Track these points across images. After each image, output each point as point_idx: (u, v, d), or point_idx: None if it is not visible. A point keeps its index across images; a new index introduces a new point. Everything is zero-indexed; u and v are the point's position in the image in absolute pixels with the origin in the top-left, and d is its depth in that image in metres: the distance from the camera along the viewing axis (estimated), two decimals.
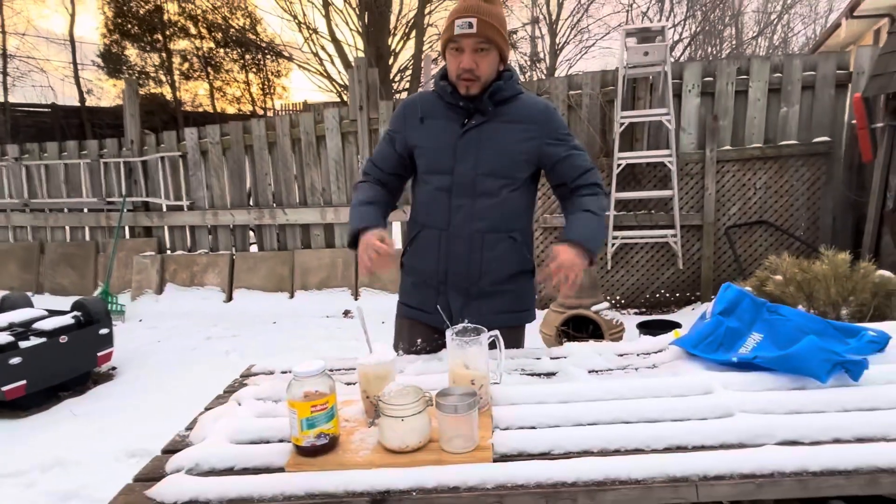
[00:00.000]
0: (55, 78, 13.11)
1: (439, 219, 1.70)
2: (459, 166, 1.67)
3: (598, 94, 4.88)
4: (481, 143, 1.66)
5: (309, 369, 1.15)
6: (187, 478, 1.11)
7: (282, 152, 5.79)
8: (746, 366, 1.37)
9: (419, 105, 1.76)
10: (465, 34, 1.58)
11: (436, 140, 1.70)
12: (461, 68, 1.62)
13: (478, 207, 1.67)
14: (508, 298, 1.74)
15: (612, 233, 4.76)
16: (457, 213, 1.68)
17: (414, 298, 1.81)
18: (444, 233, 1.70)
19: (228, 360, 4.24)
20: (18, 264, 6.72)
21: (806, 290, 2.59)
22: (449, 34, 1.63)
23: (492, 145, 1.66)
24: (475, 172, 1.66)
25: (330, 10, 11.74)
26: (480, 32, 1.58)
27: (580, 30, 14.68)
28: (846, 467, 1.02)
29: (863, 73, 4.43)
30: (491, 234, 1.68)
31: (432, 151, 1.72)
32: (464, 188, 1.67)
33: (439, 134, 1.70)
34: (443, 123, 1.70)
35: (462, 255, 1.69)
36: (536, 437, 1.16)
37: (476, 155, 1.66)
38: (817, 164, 4.61)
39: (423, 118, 1.73)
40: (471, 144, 1.67)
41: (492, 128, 1.67)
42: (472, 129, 1.67)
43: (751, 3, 16.08)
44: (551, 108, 1.73)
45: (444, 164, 1.69)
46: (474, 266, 1.69)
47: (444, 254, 1.70)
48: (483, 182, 1.67)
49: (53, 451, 2.91)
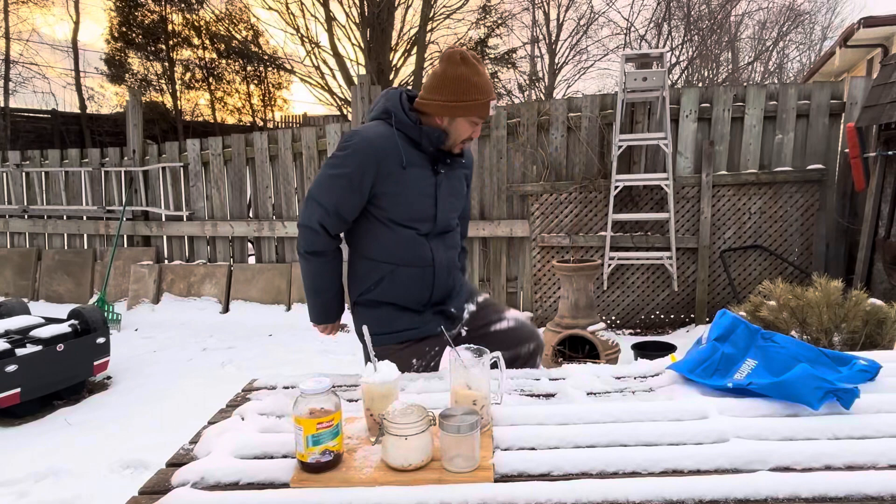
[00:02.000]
0: (57, 84, 13.17)
1: (420, 258, 1.77)
2: (439, 212, 1.78)
3: (597, 116, 4.96)
4: (450, 188, 1.82)
5: (315, 387, 1.17)
6: (193, 492, 1.13)
7: (283, 166, 5.83)
8: (741, 391, 1.40)
9: (393, 151, 1.69)
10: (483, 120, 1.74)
11: (416, 189, 1.72)
12: (472, 137, 1.77)
13: (447, 241, 1.86)
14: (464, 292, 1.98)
15: (608, 253, 4.82)
16: (437, 251, 1.80)
17: (401, 323, 1.83)
18: (427, 269, 1.79)
19: (224, 371, 4.24)
20: (15, 270, 6.71)
21: (799, 316, 2.63)
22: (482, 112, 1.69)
23: (453, 190, 1.84)
24: (448, 216, 1.84)
25: (333, 25, 11.88)
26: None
27: (579, 50, 14.91)
28: (837, 494, 1.05)
29: (856, 104, 4.53)
30: (455, 254, 1.92)
31: (413, 199, 1.73)
32: (440, 228, 1.83)
33: (418, 182, 1.73)
34: (418, 171, 1.73)
35: (444, 284, 1.85)
36: (536, 458, 1.18)
37: (447, 200, 1.81)
38: (811, 190, 4.69)
39: (406, 166, 1.70)
40: (444, 193, 1.79)
41: (454, 174, 1.85)
42: (442, 178, 1.79)
43: (747, 29, 16.35)
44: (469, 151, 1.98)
45: (425, 211, 1.75)
46: (449, 285, 1.89)
47: (427, 285, 1.81)
48: (451, 221, 1.88)
49: (47, 460, 2.91)
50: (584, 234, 4.99)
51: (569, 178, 5.09)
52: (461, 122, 1.71)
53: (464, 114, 1.69)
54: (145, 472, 2.76)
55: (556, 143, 5.08)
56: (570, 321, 3.74)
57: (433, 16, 12.46)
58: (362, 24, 11.77)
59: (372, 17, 11.51)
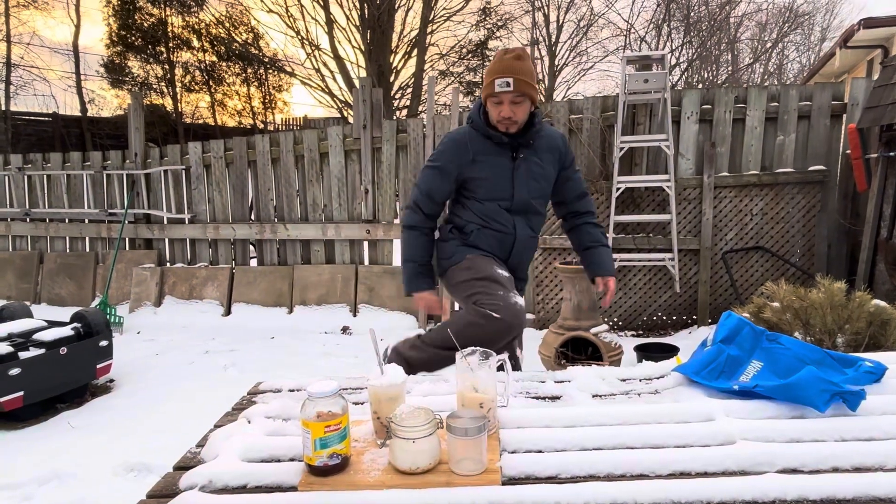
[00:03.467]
0: (58, 87, 13.20)
1: (502, 225, 2.13)
2: (518, 193, 2.09)
3: (599, 118, 4.97)
4: (530, 173, 2.08)
5: (323, 390, 1.18)
6: (201, 495, 1.13)
7: (285, 168, 5.84)
8: (747, 394, 1.41)
9: (468, 145, 2.06)
10: (503, 91, 1.91)
11: (493, 173, 2.06)
12: (502, 116, 1.97)
13: (530, 221, 2.15)
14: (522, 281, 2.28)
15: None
16: (518, 223, 2.13)
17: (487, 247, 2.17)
18: (507, 235, 2.14)
19: (227, 374, 4.24)
20: (16, 273, 6.71)
21: (802, 317, 2.63)
22: (490, 90, 1.94)
23: (537, 175, 2.09)
24: (529, 196, 2.10)
25: (333, 27, 11.91)
26: (516, 89, 1.91)
27: (579, 52, 14.95)
28: (845, 496, 1.05)
29: (857, 105, 4.53)
30: (533, 239, 2.20)
31: (492, 183, 2.07)
32: (521, 207, 2.12)
33: (495, 168, 2.06)
34: (494, 159, 2.05)
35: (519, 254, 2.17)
36: (543, 460, 1.19)
37: (527, 183, 2.08)
38: (813, 192, 4.69)
39: (475, 158, 2.05)
40: (522, 175, 2.07)
41: (534, 160, 2.08)
42: (520, 162, 2.06)
43: (746, 31, 16.37)
44: (564, 136, 2.20)
45: (504, 191, 2.08)
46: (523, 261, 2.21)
47: (508, 248, 2.15)
48: (534, 203, 2.13)
49: (50, 463, 2.90)
50: None
51: None
52: (488, 104, 1.99)
53: (484, 96, 1.99)
54: (149, 475, 2.76)
55: None
56: (572, 323, 3.74)
57: (433, 18, 12.49)
58: (362, 27, 11.80)
59: (372, 19, 11.54)
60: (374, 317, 5.36)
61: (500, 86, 1.90)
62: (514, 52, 1.96)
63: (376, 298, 5.47)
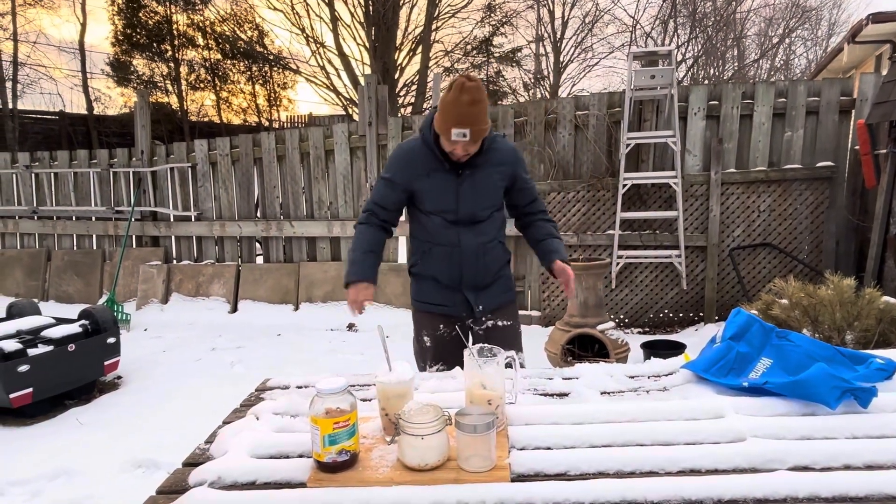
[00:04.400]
0: (64, 86, 13.25)
1: (449, 239, 2.13)
2: (462, 207, 2.09)
3: (605, 115, 4.95)
4: (475, 186, 2.08)
5: (332, 387, 1.17)
6: (211, 491, 1.14)
7: (290, 165, 5.84)
8: (757, 391, 1.40)
9: (418, 160, 2.09)
10: (459, 140, 1.91)
11: (439, 188, 2.09)
12: (457, 154, 1.98)
13: (478, 229, 2.14)
14: (502, 283, 2.25)
15: (616, 252, 4.80)
16: (463, 235, 2.12)
17: (436, 297, 2.21)
18: (455, 248, 2.13)
19: (233, 371, 4.25)
20: (24, 271, 6.75)
21: (811, 314, 2.61)
22: (447, 136, 1.93)
23: (482, 187, 2.09)
24: (474, 208, 2.10)
25: (338, 24, 11.90)
26: (472, 139, 1.91)
27: (584, 48, 14.86)
28: (857, 494, 1.04)
29: (866, 100, 4.50)
30: (489, 244, 2.16)
31: (437, 197, 2.10)
32: (467, 218, 2.11)
33: (441, 183, 2.08)
34: (442, 175, 2.07)
35: (471, 263, 2.15)
36: (552, 457, 1.18)
37: (473, 196, 2.09)
38: (821, 188, 4.66)
39: (422, 171, 2.08)
40: (467, 189, 2.07)
41: (480, 174, 2.08)
42: (466, 177, 2.06)
43: (753, 26, 16.26)
44: (516, 150, 2.19)
45: (448, 205, 2.09)
46: (481, 268, 2.17)
47: (457, 262, 2.14)
48: (480, 213, 2.12)
49: (59, 459, 2.93)
50: (593, 233, 4.98)
51: (576, 176, 5.08)
52: (441, 137, 1.99)
53: (440, 133, 1.97)
54: (157, 471, 2.77)
55: (563, 142, 5.07)
56: (579, 320, 3.74)
57: (438, 15, 12.46)
58: (367, 24, 11.79)
59: (377, 16, 11.52)
60: (380, 314, 5.36)
61: (456, 136, 1.89)
62: (469, 93, 1.86)
63: (382, 295, 5.48)
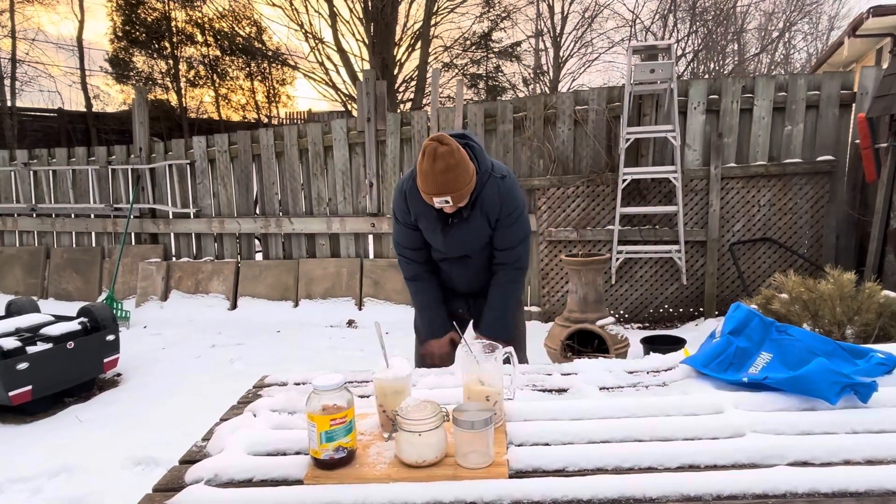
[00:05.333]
0: (63, 83, 13.22)
1: (442, 266, 2.26)
2: (450, 251, 2.16)
3: (604, 109, 4.93)
4: (462, 235, 2.09)
5: (328, 383, 1.17)
6: (207, 489, 1.13)
7: (289, 162, 5.83)
8: (756, 386, 1.39)
9: (408, 200, 2.11)
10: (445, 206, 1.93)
11: (429, 232, 2.14)
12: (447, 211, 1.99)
13: (469, 263, 2.21)
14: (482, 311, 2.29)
15: (616, 247, 4.79)
16: (454, 268, 2.24)
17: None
18: (448, 274, 2.27)
19: (233, 368, 4.25)
20: (24, 269, 6.74)
21: (811, 309, 2.61)
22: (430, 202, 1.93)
23: (470, 236, 2.10)
24: (462, 251, 2.16)
25: (337, 20, 11.86)
26: (456, 204, 1.92)
27: (584, 43, 14.82)
28: (857, 489, 1.03)
29: (866, 94, 4.48)
30: (481, 270, 2.24)
31: (429, 237, 2.16)
32: (456, 261, 2.20)
33: (430, 229, 2.13)
34: (431, 222, 2.10)
35: (464, 283, 2.29)
36: (551, 453, 1.18)
37: (460, 243, 2.12)
38: (821, 182, 4.64)
39: (417, 216, 2.11)
40: (454, 236, 2.10)
41: (468, 226, 2.07)
42: (453, 227, 2.08)
43: (753, 20, 16.21)
44: (503, 194, 2.06)
45: (437, 245, 2.16)
46: (475, 284, 2.28)
47: (451, 280, 2.29)
48: (470, 253, 2.17)
49: (59, 457, 2.93)
50: (592, 228, 4.97)
51: (576, 171, 5.07)
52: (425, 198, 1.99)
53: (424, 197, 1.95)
54: (156, 468, 2.77)
55: (562, 137, 5.05)
56: (578, 315, 3.73)
57: (437, 10, 12.42)
58: (366, 19, 11.75)
59: (376, 11, 11.49)
60: (380, 310, 5.36)
61: (439, 203, 1.91)
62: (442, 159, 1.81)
63: (381, 292, 5.47)
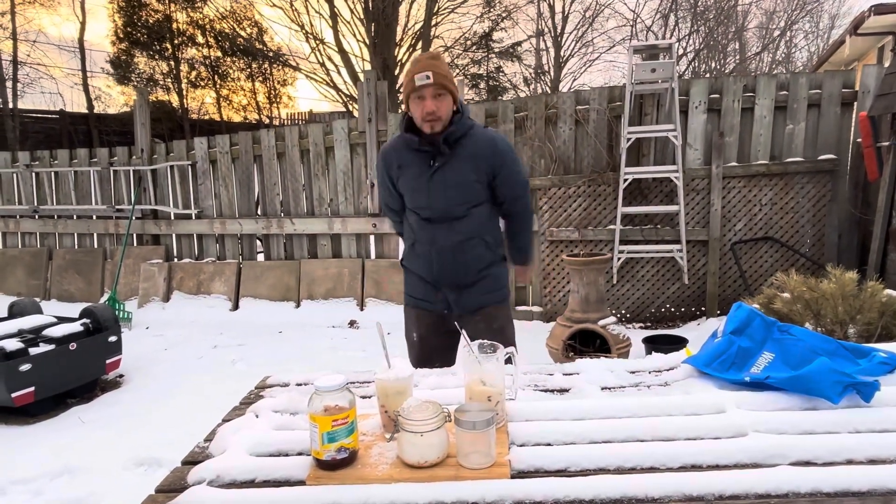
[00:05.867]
0: (64, 85, 13.26)
1: (426, 238, 2.14)
2: (434, 202, 2.10)
3: (605, 109, 4.93)
4: (446, 180, 2.07)
5: (330, 384, 1.17)
6: (210, 489, 1.13)
7: (290, 162, 5.84)
8: (759, 385, 1.39)
9: (393, 155, 2.16)
10: (424, 84, 1.96)
11: (413, 183, 2.12)
12: (425, 112, 1.98)
13: (454, 227, 2.10)
14: (487, 283, 2.18)
15: (618, 247, 4.79)
16: (438, 233, 2.12)
17: (418, 292, 2.23)
18: (432, 246, 2.13)
19: (235, 369, 4.26)
20: (26, 270, 6.76)
21: (813, 308, 2.60)
22: (412, 86, 1.98)
23: (455, 181, 2.07)
24: (447, 203, 2.09)
25: (337, 21, 11.87)
26: (436, 82, 1.96)
27: (585, 43, 14.82)
28: (860, 489, 1.03)
29: (868, 92, 4.47)
30: (468, 242, 2.11)
31: (411, 191, 2.14)
32: (441, 215, 2.10)
33: (413, 178, 2.11)
34: (414, 170, 2.10)
35: (448, 261, 2.12)
36: (552, 453, 1.17)
37: (444, 191, 2.08)
38: (823, 181, 4.64)
39: (399, 166, 2.14)
40: (438, 183, 2.07)
41: (451, 166, 2.06)
42: (436, 171, 2.07)
43: (754, 19, 16.19)
44: (496, 143, 2.10)
45: (421, 200, 2.12)
46: (459, 266, 2.13)
47: (434, 261, 2.14)
48: (454, 209, 2.09)
49: (62, 458, 2.93)
50: (594, 228, 4.97)
51: (577, 171, 5.06)
52: (411, 104, 2.03)
53: (406, 94, 2.02)
54: (159, 469, 2.78)
55: (563, 137, 5.05)
56: (580, 315, 3.73)
57: (438, 10, 12.43)
58: (367, 20, 11.76)
59: (376, 12, 11.50)
60: (382, 310, 5.36)
61: (420, 80, 1.95)
62: (429, 53, 2.04)
63: (383, 292, 5.48)
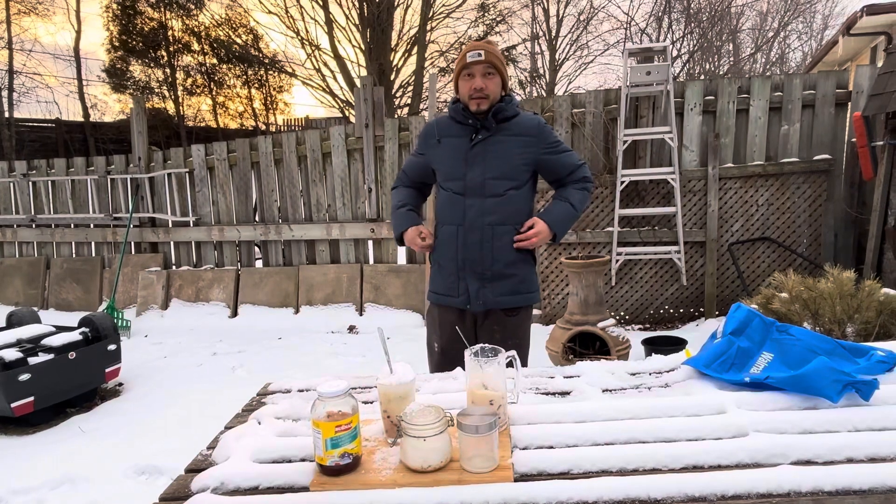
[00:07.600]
0: (60, 93, 13.26)
1: (456, 216, 2.07)
2: (470, 172, 2.05)
3: (602, 112, 4.95)
4: (487, 152, 2.04)
5: (333, 390, 1.17)
6: (214, 497, 1.13)
7: (288, 169, 5.84)
8: (758, 385, 1.39)
9: (436, 128, 2.16)
10: (475, 62, 2.00)
11: (451, 153, 2.09)
12: (473, 89, 2.01)
13: (487, 205, 2.03)
14: (515, 281, 2.08)
15: (616, 249, 4.80)
16: (470, 210, 2.04)
17: (440, 285, 2.15)
18: (460, 227, 2.06)
19: (235, 375, 4.25)
20: (24, 280, 6.74)
21: (811, 307, 2.62)
22: (463, 62, 2.03)
23: (496, 154, 2.04)
24: (483, 177, 2.03)
25: (333, 27, 11.90)
26: (487, 60, 2.00)
27: (579, 46, 14.88)
28: (861, 487, 1.04)
29: (862, 92, 4.50)
30: (499, 227, 2.04)
31: (448, 162, 2.10)
32: (475, 190, 2.04)
33: (453, 148, 2.09)
34: (455, 141, 2.09)
35: (475, 245, 2.04)
36: (555, 456, 1.18)
37: (483, 163, 2.04)
38: (818, 181, 4.66)
39: (440, 139, 2.13)
40: (478, 154, 2.04)
41: (495, 140, 2.05)
42: (479, 143, 2.05)
43: (748, 20, 16.27)
44: (542, 123, 2.13)
45: (457, 171, 2.07)
46: (486, 253, 2.04)
47: (461, 244, 2.05)
48: (491, 184, 2.03)
49: (62, 467, 2.92)
50: (591, 230, 4.98)
51: None
52: (460, 83, 2.07)
53: (456, 75, 2.08)
54: (160, 477, 2.77)
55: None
56: (579, 318, 3.74)
57: (432, 15, 12.47)
58: (362, 26, 11.79)
59: (371, 17, 11.52)
60: (381, 315, 5.36)
61: (471, 57, 2.00)
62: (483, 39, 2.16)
63: (382, 297, 5.48)
